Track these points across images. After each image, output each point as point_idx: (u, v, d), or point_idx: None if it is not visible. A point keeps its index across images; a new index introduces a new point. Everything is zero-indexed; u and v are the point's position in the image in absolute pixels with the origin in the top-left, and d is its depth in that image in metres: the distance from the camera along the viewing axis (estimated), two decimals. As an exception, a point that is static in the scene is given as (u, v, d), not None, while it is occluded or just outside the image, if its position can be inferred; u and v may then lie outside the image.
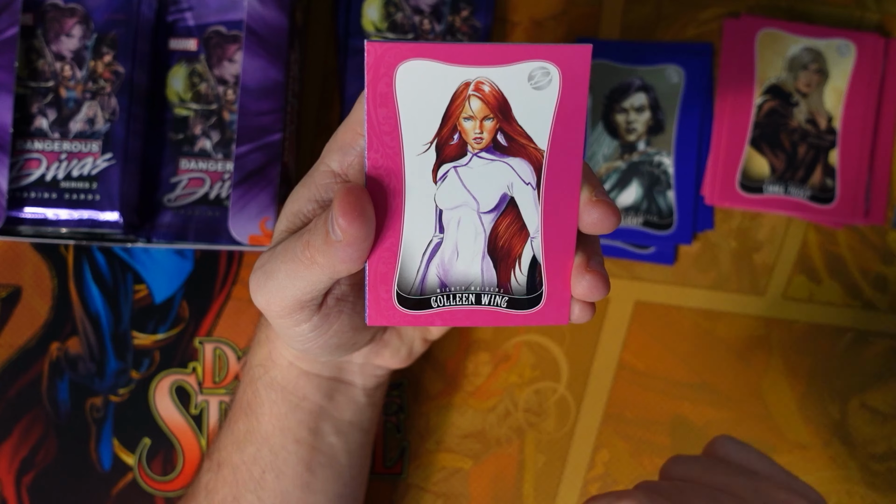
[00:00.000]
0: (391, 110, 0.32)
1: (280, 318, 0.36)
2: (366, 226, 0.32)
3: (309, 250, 0.33)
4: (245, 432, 0.44)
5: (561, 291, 0.35)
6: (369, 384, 0.45)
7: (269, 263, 0.35)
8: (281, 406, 0.43)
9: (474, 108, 0.32)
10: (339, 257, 0.32)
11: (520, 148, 0.33)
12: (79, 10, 0.50)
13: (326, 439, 0.44)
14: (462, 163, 0.33)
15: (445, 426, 0.53)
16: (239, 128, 0.49)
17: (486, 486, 0.52)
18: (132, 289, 0.53)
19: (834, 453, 0.52)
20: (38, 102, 0.49)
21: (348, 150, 0.35)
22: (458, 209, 0.33)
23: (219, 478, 0.44)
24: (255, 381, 0.44)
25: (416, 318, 0.35)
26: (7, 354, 0.52)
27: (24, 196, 0.49)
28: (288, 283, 0.34)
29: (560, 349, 0.53)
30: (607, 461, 0.53)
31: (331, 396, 0.44)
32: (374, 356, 0.44)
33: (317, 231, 0.33)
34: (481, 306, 0.35)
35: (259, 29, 0.50)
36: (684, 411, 0.53)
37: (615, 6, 0.55)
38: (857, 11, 0.55)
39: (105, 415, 0.52)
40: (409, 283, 0.34)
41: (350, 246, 0.32)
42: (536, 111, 0.32)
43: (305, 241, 0.33)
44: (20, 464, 0.52)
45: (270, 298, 0.35)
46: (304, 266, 0.33)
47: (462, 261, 0.34)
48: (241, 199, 0.49)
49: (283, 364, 0.43)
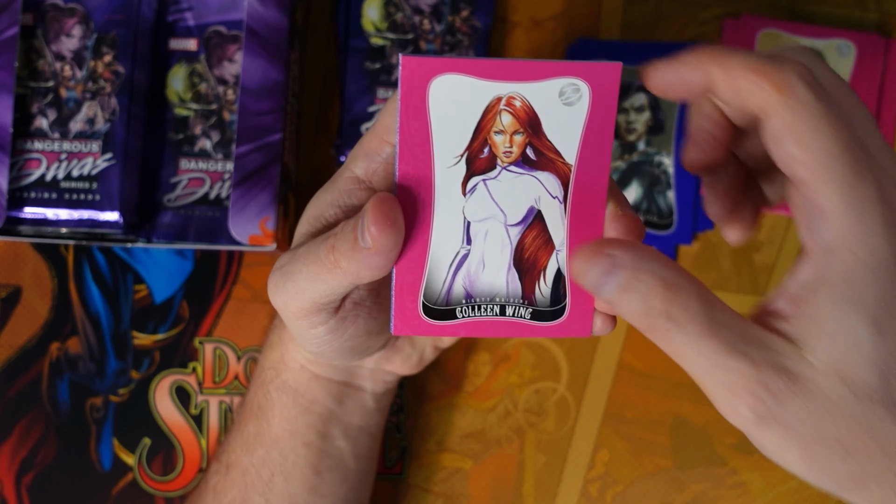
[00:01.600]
0: (423, 123, 0.32)
1: (297, 319, 0.36)
2: (396, 235, 0.32)
3: (334, 254, 0.33)
4: (255, 435, 0.44)
5: (584, 304, 0.35)
6: (379, 389, 0.45)
7: (290, 265, 0.35)
8: (291, 409, 0.43)
9: (505, 123, 0.32)
10: (366, 264, 0.32)
11: (548, 162, 0.33)
12: (79, 10, 0.50)
13: (335, 443, 0.44)
14: (491, 176, 0.33)
15: (445, 426, 0.53)
16: (239, 128, 0.49)
17: (486, 486, 0.52)
18: (132, 289, 0.53)
19: (834, 453, 0.52)
20: (38, 102, 0.49)
21: (373, 158, 0.35)
22: (485, 221, 0.34)
23: (227, 480, 0.44)
24: (266, 384, 0.44)
25: (440, 329, 0.35)
26: (7, 354, 0.52)
27: (24, 196, 0.49)
28: (308, 286, 0.34)
29: (560, 349, 0.53)
30: (607, 461, 0.53)
31: (341, 401, 0.44)
32: (385, 362, 0.44)
33: (344, 236, 0.33)
34: (505, 317, 0.35)
35: (259, 29, 0.50)
36: (684, 411, 0.53)
37: (615, 6, 0.55)
38: (856, 11, 0.55)
39: (105, 415, 0.52)
40: (436, 294, 0.34)
41: (378, 254, 0.32)
42: (565, 127, 0.33)
43: (330, 244, 0.33)
44: (20, 464, 0.52)
45: (289, 299, 0.35)
46: (327, 270, 0.33)
47: (488, 272, 0.34)
48: (241, 199, 0.49)
49: (294, 367, 0.43)
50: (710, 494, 0.52)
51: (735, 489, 0.52)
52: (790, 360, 0.29)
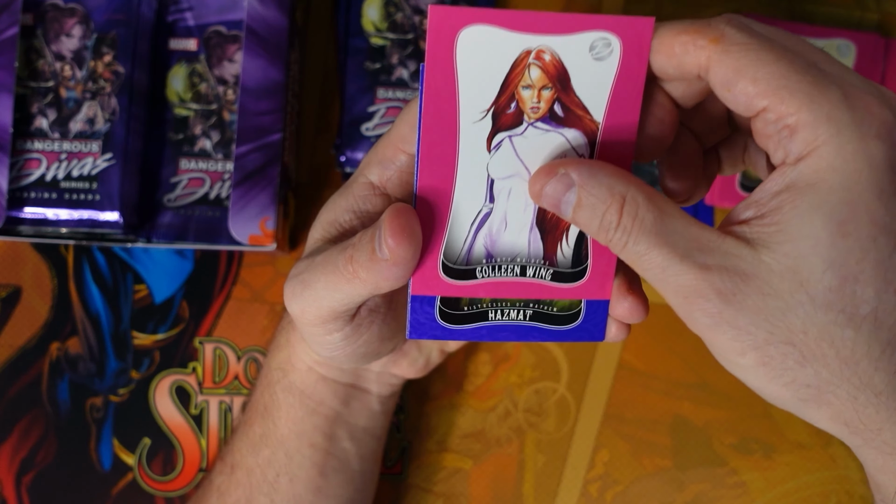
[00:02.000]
0: (450, 76, 0.31)
1: (312, 326, 0.36)
2: (413, 247, 0.32)
3: (352, 265, 0.33)
4: (261, 435, 0.44)
5: (605, 266, 0.34)
6: (384, 392, 0.45)
7: (307, 273, 0.35)
8: (298, 410, 0.43)
9: (533, 77, 0.31)
10: (384, 275, 0.32)
11: (576, 119, 0.32)
12: (79, 10, 0.50)
13: (340, 444, 0.44)
14: (517, 132, 0.32)
15: (445, 426, 0.53)
16: (239, 128, 0.49)
17: (486, 486, 0.52)
18: (132, 289, 0.53)
19: (834, 453, 0.52)
20: (38, 102, 0.49)
21: (388, 165, 0.35)
22: (509, 179, 0.33)
23: (232, 480, 0.44)
24: (273, 385, 0.44)
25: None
26: (7, 354, 0.52)
27: (24, 196, 0.49)
28: (326, 294, 0.34)
29: (560, 349, 0.53)
30: (607, 461, 0.53)
31: (347, 403, 0.44)
32: (391, 365, 0.44)
33: (363, 247, 0.33)
34: (526, 278, 0.34)
35: (259, 29, 0.50)
36: (684, 411, 0.53)
37: (615, 6, 0.55)
38: (856, 11, 0.55)
39: (105, 415, 0.52)
40: (456, 253, 0.34)
41: (396, 265, 0.32)
42: (595, 82, 0.31)
43: (349, 255, 0.33)
44: (20, 464, 0.52)
45: (306, 307, 0.35)
46: (346, 280, 0.33)
47: (510, 232, 0.34)
48: (241, 199, 0.49)
49: (302, 368, 0.43)
50: (710, 494, 0.52)
51: (735, 489, 0.52)
52: (744, 262, 0.28)
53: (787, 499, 0.52)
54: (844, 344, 0.28)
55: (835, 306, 0.28)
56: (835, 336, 0.28)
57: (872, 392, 0.29)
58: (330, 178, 0.54)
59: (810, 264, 0.28)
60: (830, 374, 0.29)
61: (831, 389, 0.29)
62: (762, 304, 0.28)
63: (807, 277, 0.28)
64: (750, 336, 0.29)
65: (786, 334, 0.28)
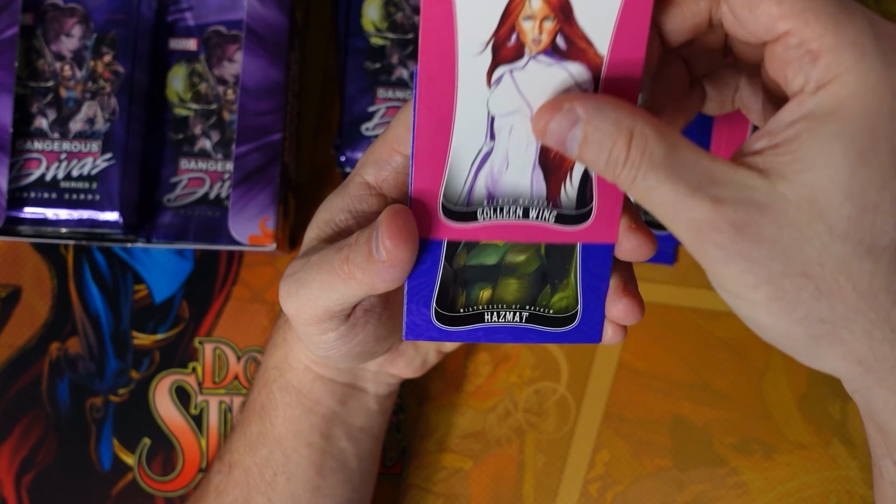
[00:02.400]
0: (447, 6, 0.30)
1: (307, 325, 0.36)
2: (410, 248, 0.32)
3: (348, 266, 0.33)
4: (258, 434, 0.44)
5: (610, 208, 0.33)
6: (381, 392, 0.45)
7: (303, 272, 0.35)
8: (295, 409, 0.43)
9: (535, 8, 0.30)
10: (380, 277, 0.32)
11: (579, 52, 0.31)
12: (78, 9, 0.50)
13: (338, 444, 0.44)
14: (518, 66, 0.31)
15: (445, 426, 0.53)
16: (239, 128, 0.49)
17: (486, 486, 0.52)
18: (132, 289, 0.53)
19: (834, 453, 0.52)
20: (37, 102, 0.49)
21: (384, 165, 0.35)
22: (510, 116, 0.32)
23: (230, 479, 0.44)
24: (269, 384, 0.44)
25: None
26: (7, 354, 0.52)
27: (24, 196, 0.49)
28: (321, 294, 0.34)
29: (560, 349, 0.53)
30: (607, 461, 0.53)
31: (344, 402, 0.44)
32: (388, 365, 0.44)
33: (359, 248, 0.33)
34: (528, 220, 0.33)
35: (259, 29, 0.50)
36: (684, 411, 0.53)
37: (615, 6, 0.55)
38: (857, 11, 0.55)
39: (105, 415, 0.52)
40: (457, 194, 0.33)
41: (393, 267, 0.32)
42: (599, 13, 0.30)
43: (345, 255, 0.33)
44: (20, 464, 0.52)
45: (301, 307, 0.35)
46: (341, 280, 0.33)
47: (512, 171, 0.32)
48: (241, 199, 0.49)
49: (298, 368, 0.43)
50: (710, 494, 0.52)
51: (735, 489, 0.52)
52: (759, 193, 0.27)
53: (787, 499, 0.52)
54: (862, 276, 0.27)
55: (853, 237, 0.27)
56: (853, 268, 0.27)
57: (889, 327, 0.28)
58: (330, 178, 0.54)
59: (829, 193, 0.27)
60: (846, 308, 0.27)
61: (846, 325, 0.28)
62: (777, 236, 0.27)
63: (825, 207, 0.27)
64: (764, 268, 0.27)
65: (801, 266, 0.27)
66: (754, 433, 0.52)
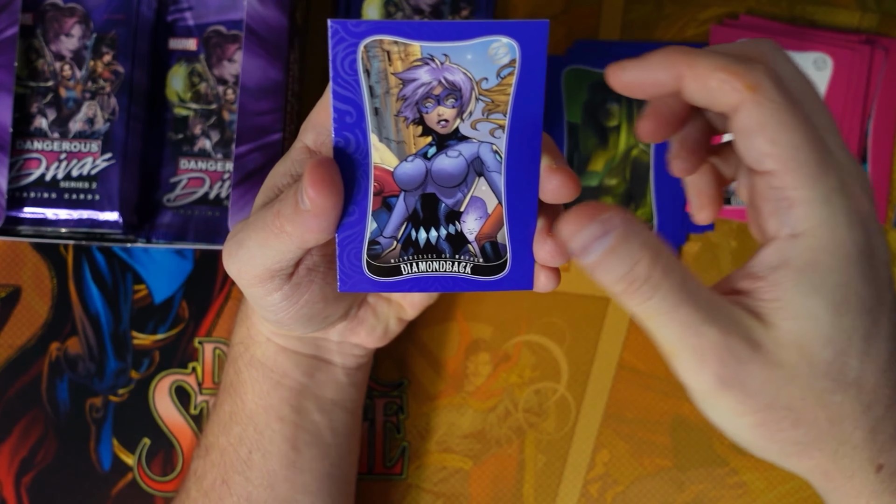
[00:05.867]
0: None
1: (251, 287, 0.37)
2: (334, 196, 0.33)
3: (279, 219, 0.34)
4: (230, 413, 0.44)
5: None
6: (349, 363, 0.45)
7: (242, 233, 0.36)
8: (263, 384, 0.43)
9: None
10: (308, 226, 0.33)
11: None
12: (78, 9, 0.50)
13: (310, 417, 0.44)
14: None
15: (445, 426, 0.53)
16: (239, 128, 0.49)
17: (486, 486, 0.52)
18: (132, 289, 0.53)
19: (834, 453, 0.52)
20: (37, 102, 0.49)
21: (322, 130, 0.37)
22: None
23: (207, 462, 0.44)
24: (236, 360, 0.44)
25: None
26: (7, 354, 0.52)
27: (24, 196, 0.49)
28: (258, 252, 0.35)
29: (560, 349, 0.53)
30: (607, 461, 0.53)
31: (311, 374, 0.44)
32: (349, 334, 0.44)
33: (286, 201, 0.34)
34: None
35: (259, 29, 0.50)
36: (684, 411, 0.53)
37: (615, 6, 0.55)
38: (857, 11, 0.55)
39: (105, 415, 0.52)
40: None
41: (318, 216, 0.33)
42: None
43: (276, 210, 0.34)
44: (20, 464, 0.52)
45: (241, 267, 0.36)
46: (274, 235, 0.34)
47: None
48: (240, 199, 0.49)
49: (261, 340, 0.43)
50: (710, 494, 0.52)
51: (735, 489, 0.52)
52: (756, 332, 0.31)
53: (787, 499, 0.52)
54: (833, 408, 0.32)
55: (829, 375, 0.31)
56: (827, 401, 0.31)
57: (850, 446, 0.32)
58: (330, 178, 0.54)
59: (811, 339, 0.31)
60: (819, 433, 0.32)
61: (817, 446, 0.32)
62: (770, 372, 0.31)
63: (810, 352, 0.31)
64: (754, 400, 0.31)
65: (787, 400, 0.31)
66: (754, 433, 0.52)
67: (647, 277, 0.30)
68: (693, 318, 0.31)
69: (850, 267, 0.31)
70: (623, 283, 0.31)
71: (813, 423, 0.32)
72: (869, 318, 0.31)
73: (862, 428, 0.32)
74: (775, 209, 0.31)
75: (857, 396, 0.32)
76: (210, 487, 0.44)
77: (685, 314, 0.31)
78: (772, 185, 0.31)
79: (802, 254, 0.31)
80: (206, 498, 0.44)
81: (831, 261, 0.31)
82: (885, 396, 0.32)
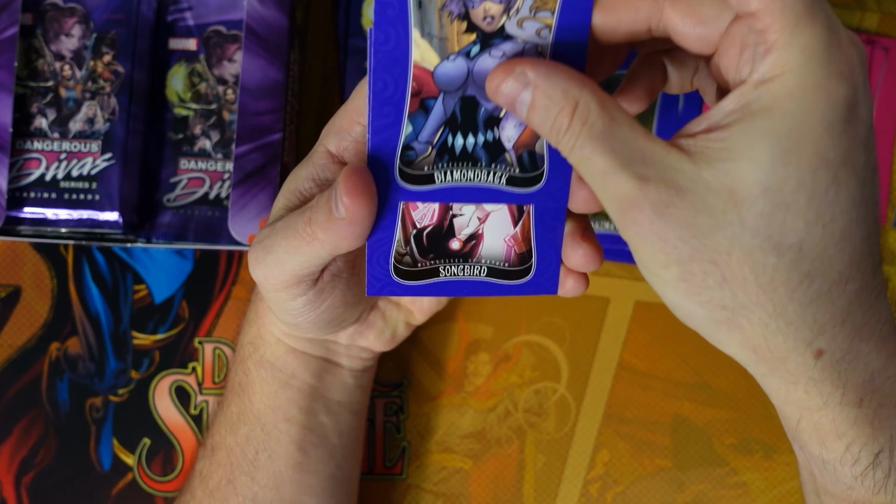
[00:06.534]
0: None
1: (276, 291, 0.37)
2: (369, 204, 0.33)
3: (311, 226, 0.34)
4: (238, 413, 0.44)
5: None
6: (356, 366, 0.45)
7: (269, 239, 0.36)
8: (271, 384, 0.43)
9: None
10: (341, 234, 0.33)
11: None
12: (78, 9, 0.50)
13: (317, 419, 0.44)
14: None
15: (445, 426, 0.53)
16: (239, 128, 0.49)
17: (486, 486, 0.52)
18: (132, 289, 0.53)
19: (834, 453, 0.52)
20: (37, 102, 0.49)
21: (344, 135, 0.36)
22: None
23: (213, 462, 0.44)
24: (245, 360, 0.44)
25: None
26: (7, 354, 0.52)
27: (24, 196, 0.49)
28: (287, 258, 0.35)
29: (560, 349, 0.53)
30: (607, 461, 0.53)
31: (319, 376, 0.44)
32: (358, 337, 0.44)
33: (320, 208, 0.34)
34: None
35: (259, 29, 0.50)
36: (684, 411, 0.53)
37: None
38: (857, 11, 0.55)
39: (105, 415, 0.52)
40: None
41: (353, 224, 0.33)
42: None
43: (308, 217, 0.34)
44: (20, 464, 0.52)
45: (269, 272, 0.36)
46: (306, 242, 0.34)
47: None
48: (240, 199, 0.49)
49: (271, 341, 0.43)
50: (710, 494, 0.52)
51: (735, 489, 0.52)
52: (683, 177, 0.29)
53: (787, 499, 0.52)
54: (765, 270, 0.29)
55: (762, 232, 0.28)
56: (757, 261, 0.29)
57: (784, 321, 0.29)
58: (330, 178, 0.54)
59: (747, 186, 0.28)
60: (747, 298, 0.29)
61: (745, 314, 0.29)
62: (692, 220, 0.29)
63: (741, 199, 0.28)
64: (676, 250, 0.29)
65: (711, 253, 0.29)
66: (754, 433, 0.52)
67: (567, 127, 0.29)
68: (612, 167, 0.29)
69: (816, 116, 0.28)
70: (551, 135, 0.30)
71: (741, 284, 0.29)
72: (827, 176, 0.28)
73: (798, 301, 0.29)
74: (751, 56, 0.29)
75: (797, 263, 0.29)
76: (216, 487, 0.43)
77: (604, 162, 0.29)
78: (753, 27, 0.28)
79: (763, 97, 0.28)
80: (210, 498, 0.44)
81: (792, 106, 0.28)
82: (833, 271, 0.29)
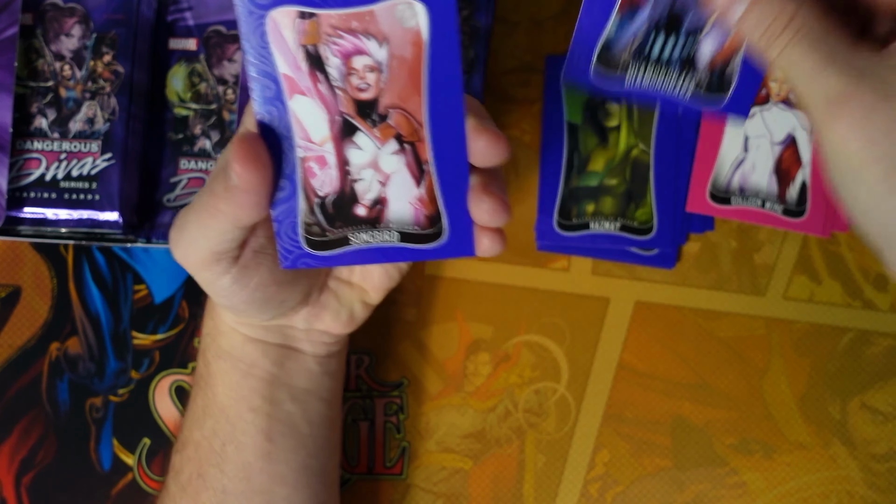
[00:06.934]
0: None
1: (199, 271, 0.37)
2: (260, 170, 0.33)
3: (213, 199, 0.34)
4: (203, 407, 0.44)
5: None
6: (320, 352, 0.44)
7: (182, 217, 0.36)
8: (232, 375, 0.43)
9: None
10: (239, 203, 0.33)
11: None
12: (78, 9, 0.50)
13: (283, 407, 0.43)
14: None
15: (445, 426, 0.53)
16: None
17: (486, 486, 0.52)
18: (132, 289, 0.53)
19: (834, 453, 0.52)
20: (37, 102, 0.49)
21: None
22: None
23: (183, 457, 0.44)
24: (205, 352, 0.44)
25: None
26: (7, 354, 0.52)
27: (24, 196, 0.49)
28: (198, 234, 0.35)
29: (560, 349, 0.53)
30: (607, 461, 0.53)
31: (281, 364, 0.43)
32: (314, 320, 0.43)
33: (217, 179, 0.34)
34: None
35: (259, 29, 0.49)
36: (684, 411, 0.53)
37: None
38: (857, 11, 0.55)
39: (105, 415, 0.52)
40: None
41: (247, 192, 0.33)
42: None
43: (209, 189, 0.34)
44: (20, 464, 0.52)
45: (186, 250, 0.36)
46: (210, 215, 0.34)
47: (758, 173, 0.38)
48: (240, 199, 0.49)
49: (226, 331, 0.43)
50: (710, 495, 0.52)
51: (735, 489, 0.52)
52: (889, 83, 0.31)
53: (787, 499, 0.52)
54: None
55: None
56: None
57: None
58: (330, 178, 0.54)
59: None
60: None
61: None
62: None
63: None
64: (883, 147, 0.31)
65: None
66: (754, 433, 0.52)
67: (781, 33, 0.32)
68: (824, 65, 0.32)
69: None
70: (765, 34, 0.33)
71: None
72: None
73: None
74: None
75: None
76: (187, 482, 0.43)
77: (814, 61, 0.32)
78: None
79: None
80: (183, 492, 0.43)
81: None
82: None
